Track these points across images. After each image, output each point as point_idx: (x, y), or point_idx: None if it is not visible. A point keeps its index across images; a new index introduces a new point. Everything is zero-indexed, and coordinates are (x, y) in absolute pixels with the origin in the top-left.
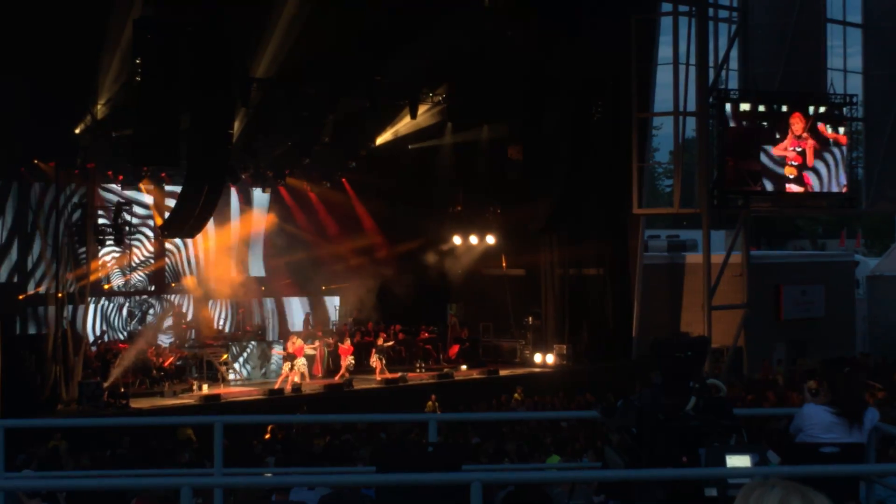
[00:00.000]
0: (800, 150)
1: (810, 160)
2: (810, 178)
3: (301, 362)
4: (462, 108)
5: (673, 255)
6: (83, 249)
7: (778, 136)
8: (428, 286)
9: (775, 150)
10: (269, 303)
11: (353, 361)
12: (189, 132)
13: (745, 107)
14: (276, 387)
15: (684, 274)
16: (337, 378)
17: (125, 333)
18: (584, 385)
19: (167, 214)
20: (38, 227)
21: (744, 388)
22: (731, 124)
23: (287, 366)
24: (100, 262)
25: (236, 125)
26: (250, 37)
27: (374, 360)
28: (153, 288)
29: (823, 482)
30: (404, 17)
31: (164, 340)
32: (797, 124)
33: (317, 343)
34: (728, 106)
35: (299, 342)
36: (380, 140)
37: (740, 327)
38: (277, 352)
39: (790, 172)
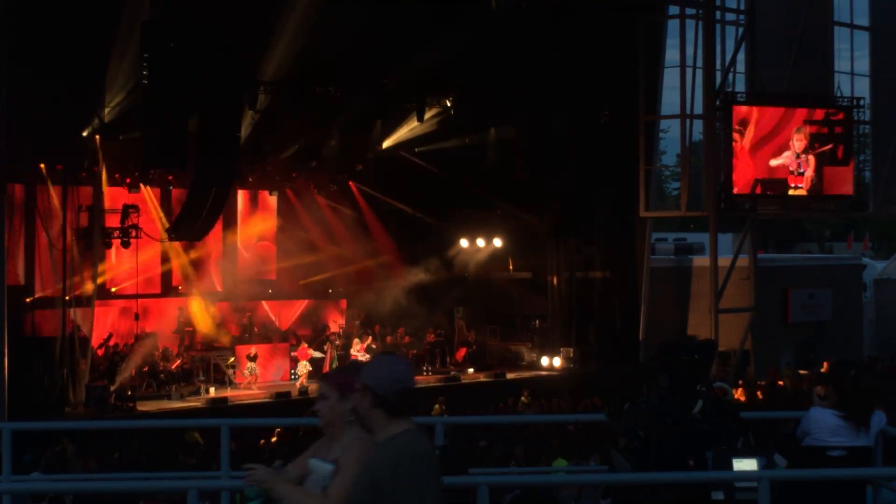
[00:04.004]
0: (801, 171)
1: (808, 183)
2: (813, 185)
3: (305, 365)
4: (469, 112)
5: (680, 258)
6: (90, 252)
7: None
8: (435, 289)
9: (773, 161)
10: (276, 306)
11: (310, 368)
12: (196, 135)
13: (752, 110)
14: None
15: (691, 277)
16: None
17: (132, 336)
18: (591, 388)
19: (174, 217)
20: (46, 229)
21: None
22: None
23: (293, 369)
24: (107, 265)
25: (243, 128)
26: (258, 40)
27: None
28: (160, 291)
29: (830, 486)
30: (411, 19)
31: (171, 343)
32: (800, 141)
33: (326, 346)
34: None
35: (305, 346)
36: (387, 143)
37: (747, 330)
38: (286, 355)
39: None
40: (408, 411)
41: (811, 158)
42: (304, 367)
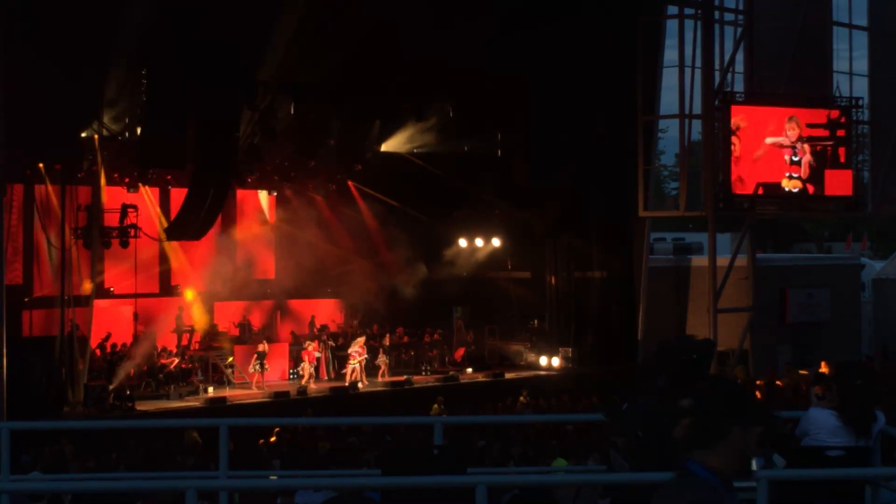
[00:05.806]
0: (796, 159)
1: (805, 171)
2: (812, 185)
3: (307, 366)
4: (468, 112)
5: (678, 258)
6: (89, 252)
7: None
8: (433, 289)
9: (769, 139)
10: (274, 305)
11: (313, 373)
12: (195, 135)
13: (750, 110)
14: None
15: (690, 277)
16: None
17: (131, 336)
18: (590, 388)
19: (173, 217)
20: (44, 229)
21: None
22: (737, 127)
23: (293, 368)
24: (106, 265)
25: (242, 128)
26: (256, 40)
27: (381, 360)
28: (159, 290)
29: (829, 486)
30: (411, 21)
31: (170, 343)
32: (793, 130)
33: (320, 346)
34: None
35: (311, 350)
36: (386, 144)
37: (746, 330)
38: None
39: (794, 186)
40: None
41: (807, 147)
42: (306, 368)
